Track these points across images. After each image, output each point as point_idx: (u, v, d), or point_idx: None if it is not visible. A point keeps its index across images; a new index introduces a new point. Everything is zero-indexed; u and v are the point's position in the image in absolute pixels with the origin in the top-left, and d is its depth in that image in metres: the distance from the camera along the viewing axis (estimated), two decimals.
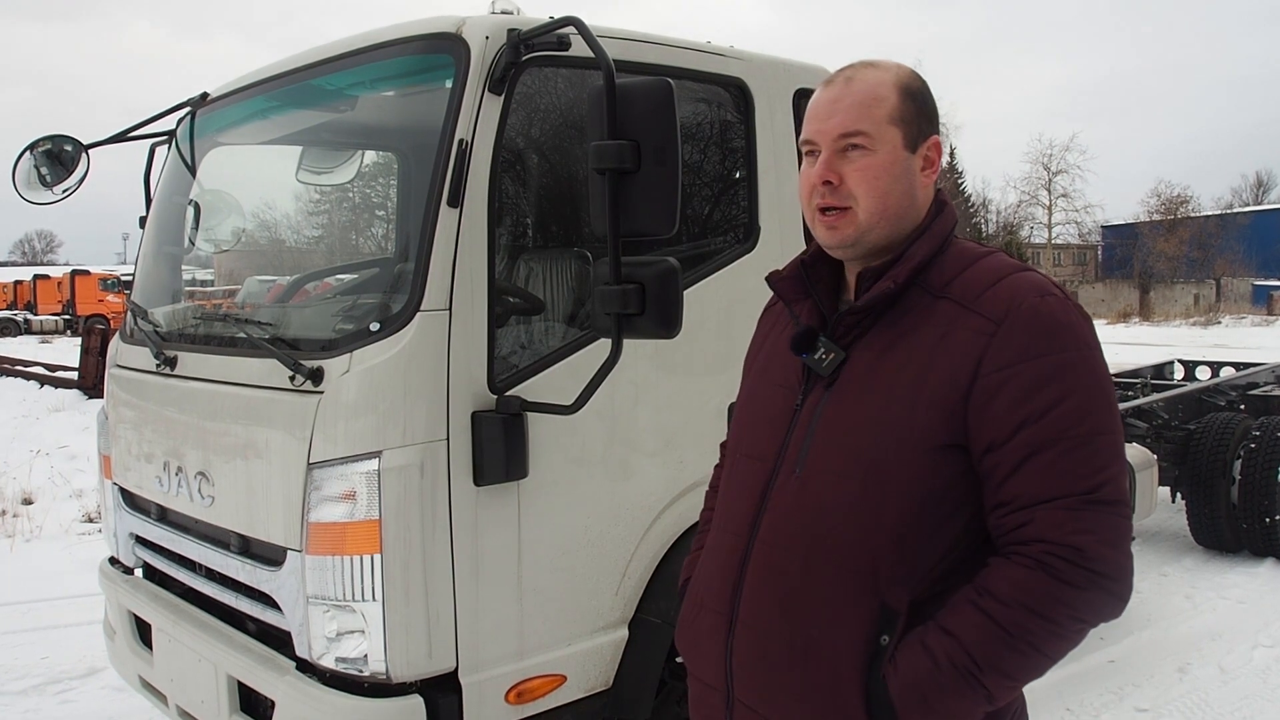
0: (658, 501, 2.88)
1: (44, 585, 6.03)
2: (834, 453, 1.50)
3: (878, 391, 1.47)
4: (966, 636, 1.38)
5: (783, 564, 1.52)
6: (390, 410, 2.38)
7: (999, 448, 1.40)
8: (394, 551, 2.36)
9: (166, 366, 3.05)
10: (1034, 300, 1.43)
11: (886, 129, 1.51)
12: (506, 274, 2.71)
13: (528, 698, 2.61)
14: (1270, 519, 6.03)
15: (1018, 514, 1.39)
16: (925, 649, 1.40)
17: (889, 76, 1.54)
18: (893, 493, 1.44)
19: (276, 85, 3.15)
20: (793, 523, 1.52)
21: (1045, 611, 1.36)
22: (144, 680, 3.25)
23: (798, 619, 1.49)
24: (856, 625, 1.45)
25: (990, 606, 1.38)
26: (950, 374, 1.42)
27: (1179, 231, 50.09)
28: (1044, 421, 1.38)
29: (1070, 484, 1.37)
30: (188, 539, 2.98)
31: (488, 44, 2.51)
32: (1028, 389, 1.39)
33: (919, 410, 1.43)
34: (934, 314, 1.48)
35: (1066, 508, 1.37)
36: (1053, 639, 1.38)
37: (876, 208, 1.52)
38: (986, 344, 1.41)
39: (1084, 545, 1.35)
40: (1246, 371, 7.76)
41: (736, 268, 3.07)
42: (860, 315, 1.52)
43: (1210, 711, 4.10)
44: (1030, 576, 1.36)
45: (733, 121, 3.18)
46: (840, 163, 1.52)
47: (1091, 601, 1.37)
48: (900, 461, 1.44)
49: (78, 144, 3.59)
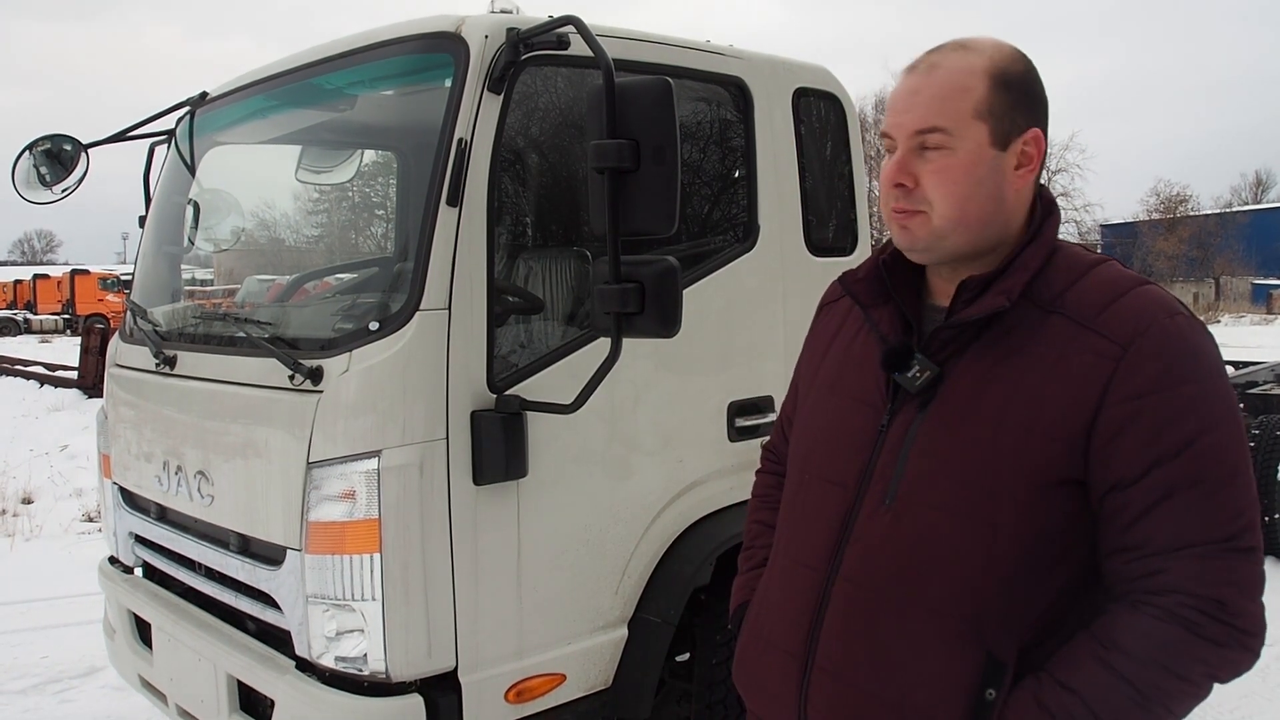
0: (657, 501, 2.88)
1: (44, 584, 6.03)
2: (933, 483, 1.34)
3: (984, 417, 1.32)
4: (1090, 695, 1.24)
5: (872, 607, 1.37)
6: (390, 409, 2.38)
7: (1128, 487, 1.25)
8: (393, 551, 2.36)
9: (166, 366, 3.05)
10: (1165, 321, 1.28)
11: (970, 125, 1.34)
12: (506, 273, 2.71)
13: (527, 697, 2.61)
14: (1270, 518, 6.04)
15: (1148, 560, 1.25)
16: (1042, 708, 1.26)
17: (980, 62, 1.35)
18: (1002, 531, 1.30)
19: (276, 84, 3.15)
20: (884, 560, 1.37)
21: (1182, 670, 1.23)
22: (144, 679, 3.25)
23: (889, 668, 1.35)
24: (959, 677, 1.30)
25: (1118, 662, 1.24)
26: (1071, 402, 1.27)
27: (1178, 230, 50.07)
28: (1181, 460, 1.24)
29: (1209, 530, 1.24)
30: (187, 538, 2.98)
31: (487, 43, 2.51)
32: (1164, 422, 1.24)
33: (1035, 440, 1.28)
34: (1045, 331, 1.32)
35: (1206, 556, 1.23)
36: (1184, 698, 1.25)
37: (954, 214, 1.35)
38: (1113, 370, 1.26)
39: (1226, 599, 1.23)
40: (1246, 370, 7.75)
41: (736, 267, 3.07)
42: (959, 330, 1.36)
43: (1210, 710, 4.10)
44: (1166, 631, 1.23)
45: (732, 121, 3.18)
46: (916, 162, 1.36)
47: (1229, 659, 1.25)
48: (1012, 496, 1.29)
49: (77, 143, 3.59)
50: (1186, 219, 51.52)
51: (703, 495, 2.97)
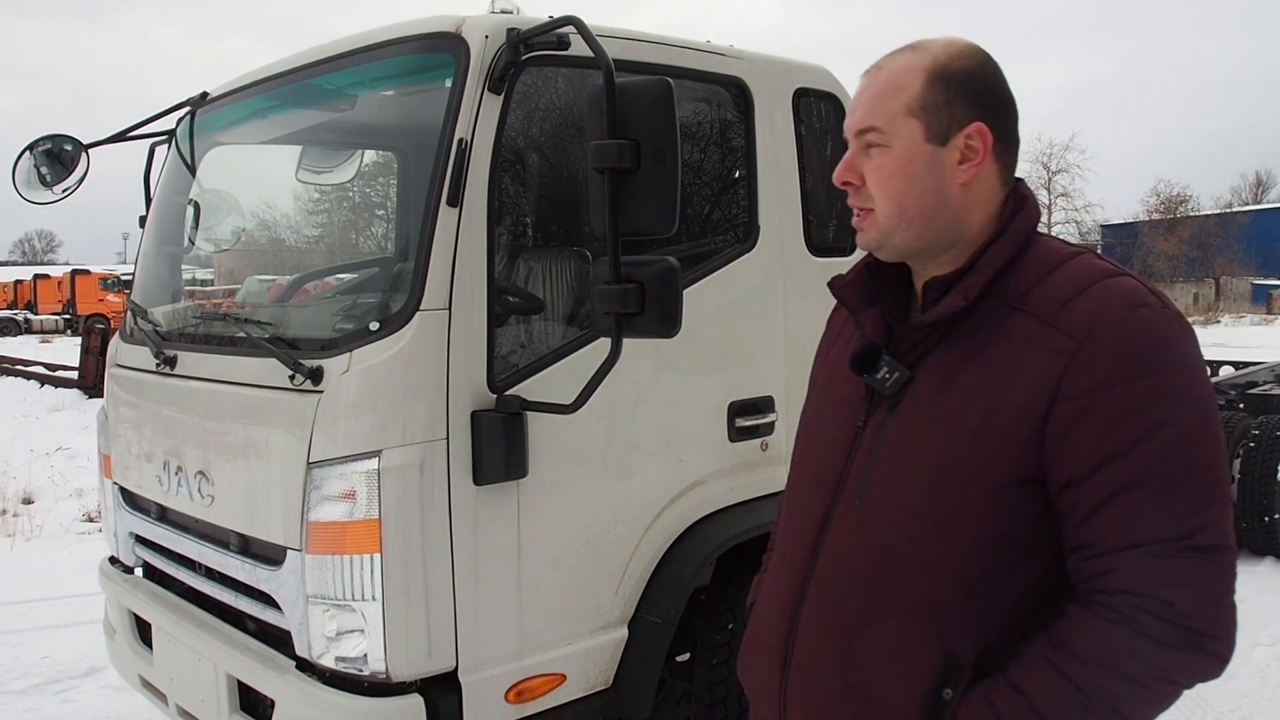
0: (658, 501, 2.88)
1: (44, 584, 6.03)
2: (897, 485, 1.36)
3: (945, 418, 1.32)
4: (1038, 696, 1.24)
5: (840, 606, 1.39)
6: (390, 409, 2.38)
7: (1079, 484, 1.24)
8: (394, 551, 2.36)
9: (166, 366, 3.05)
10: (1123, 313, 1.25)
11: (902, 122, 1.36)
12: (506, 273, 2.71)
13: (527, 697, 2.61)
14: (1269, 518, 6.04)
15: (1099, 560, 1.24)
16: (992, 708, 1.26)
17: (921, 61, 1.37)
18: (962, 533, 1.30)
19: (276, 85, 3.15)
20: (852, 561, 1.39)
21: (1130, 673, 1.21)
22: (144, 679, 3.25)
23: (853, 665, 1.37)
24: (917, 677, 1.32)
25: (1066, 664, 1.23)
26: (1026, 400, 1.26)
27: (1179, 231, 50.07)
28: (1132, 456, 1.21)
29: (1162, 528, 1.20)
30: (187, 538, 2.98)
31: (487, 43, 2.51)
32: (1114, 418, 1.22)
33: (990, 442, 1.28)
34: (1008, 329, 1.31)
35: (1156, 555, 1.20)
36: (1137, 703, 1.23)
37: (893, 209, 1.37)
38: (1066, 365, 1.24)
39: (1176, 599, 1.20)
40: (1246, 370, 7.76)
41: (736, 267, 3.07)
42: (927, 331, 1.36)
43: (1209, 710, 4.10)
44: (1113, 632, 1.21)
45: (732, 121, 3.18)
46: (861, 161, 1.40)
47: (1184, 663, 1.22)
48: (970, 499, 1.29)
49: (77, 143, 3.59)
50: (1187, 219, 51.52)
51: (703, 495, 2.97)
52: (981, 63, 1.39)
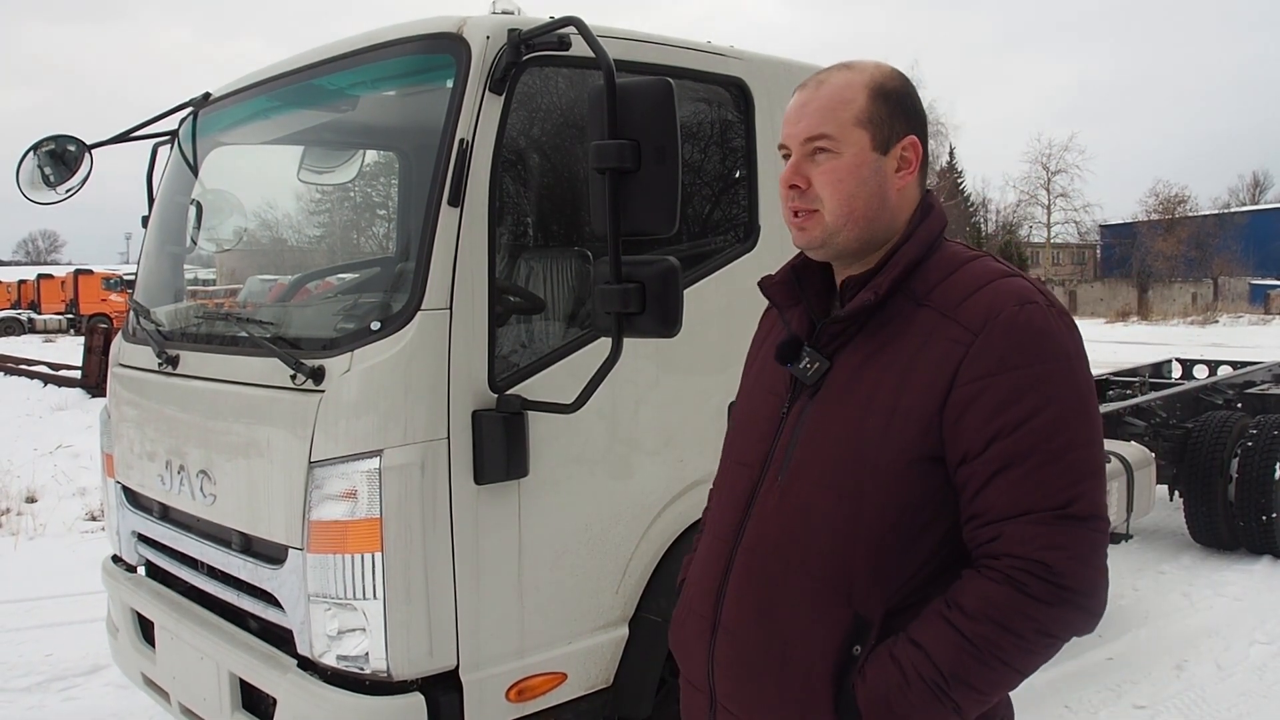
0: (658, 500, 2.89)
1: (47, 583, 6.04)
2: (813, 462, 1.50)
3: (856, 402, 1.47)
4: (934, 650, 1.38)
5: (761, 571, 1.53)
6: (391, 409, 2.39)
7: (972, 460, 1.39)
8: (395, 550, 2.37)
9: (169, 365, 3.06)
10: (1012, 310, 1.41)
11: (852, 131, 1.50)
12: (507, 273, 2.72)
13: (528, 695, 2.63)
14: (1267, 516, 6.05)
15: (988, 528, 1.39)
16: (894, 660, 1.41)
17: (860, 78, 1.52)
18: (869, 504, 1.44)
19: (278, 85, 3.16)
20: (772, 530, 1.53)
21: (1012, 626, 1.35)
22: (147, 677, 3.27)
23: (773, 626, 1.50)
24: (829, 635, 1.46)
25: (958, 620, 1.38)
26: (927, 385, 1.41)
27: (1177, 231, 50.04)
28: (1017, 434, 1.36)
29: (1041, 499, 1.36)
30: (190, 537, 2.99)
31: (488, 44, 2.52)
32: (1002, 401, 1.37)
33: (895, 422, 1.43)
34: (914, 323, 1.46)
35: (1036, 522, 1.35)
36: (1020, 654, 1.37)
37: (842, 210, 1.51)
38: (963, 355, 1.40)
39: (1053, 561, 1.34)
40: (1244, 370, 7.77)
41: (736, 267, 3.08)
42: (843, 324, 1.51)
43: (1207, 708, 4.11)
44: (998, 591, 1.36)
45: (733, 121, 3.19)
46: (808, 166, 1.52)
47: (1060, 617, 1.36)
48: (876, 474, 1.43)
49: (81, 144, 3.60)
50: (1185, 220, 51.48)
51: (703, 495, 2.93)
52: (907, 83, 1.57)
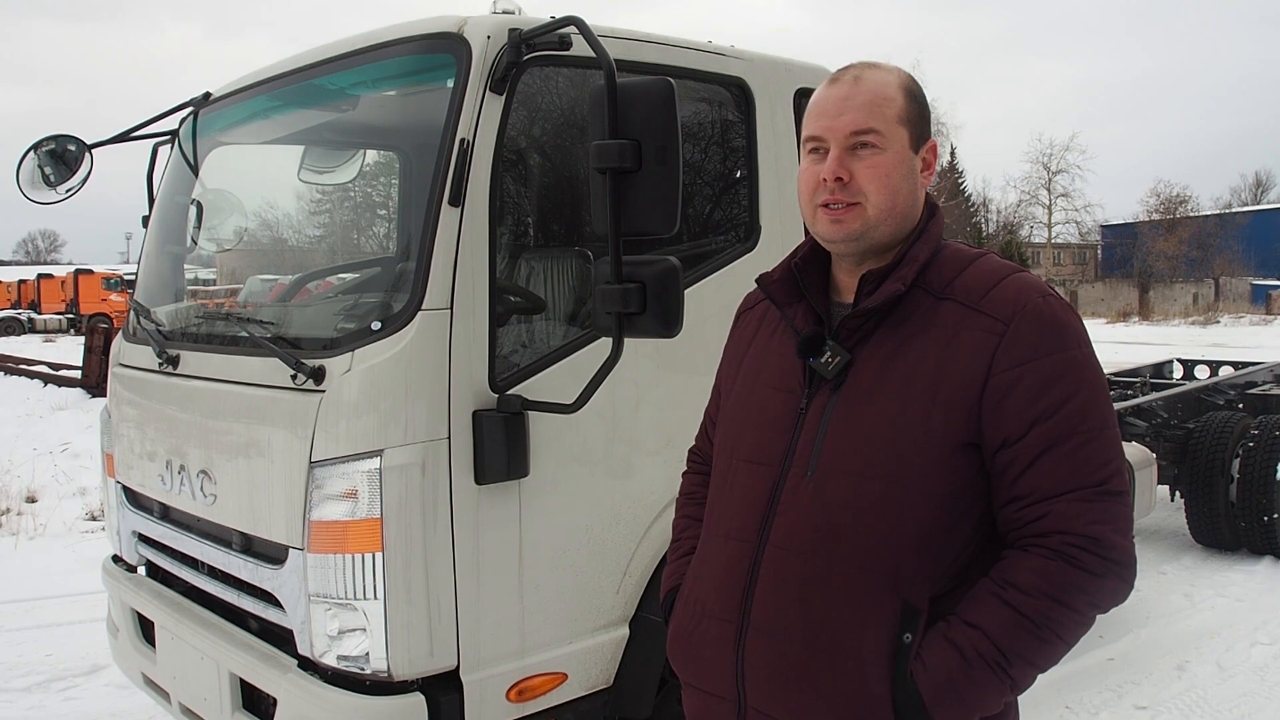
0: (658, 500, 2.89)
1: (48, 583, 6.05)
2: (850, 455, 1.50)
3: (891, 394, 1.48)
4: (993, 629, 1.41)
5: (800, 567, 1.51)
6: (392, 409, 2.39)
7: (1014, 444, 1.44)
8: (395, 550, 2.37)
9: (169, 365, 3.06)
10: (1038, 300, 1.48)
11: (896, 128, 1.54)
12: (508, 273, 2.72)
13: (529, 696, 2.62)
14: (1268, 517, 6.04)
15: (1034, 507, 1.43)
16: (951, 644, 1.43)
17: (894, 78, 1.57)
18: (914, 492, 1.46)
19: (279, 85, 3.16)
20: (809, 526, 1.52)
21: (1068, 600, 1.40)
22: (147, 677, 3.26)
23: (820, 621, 1.49)
24: (880, 625, 1.46)
25: (1014, 598, 1.41)
26: (964, 374, 1.45)
27: (1178, 231, 50.02)
28: (1058, 417, 1.42)
29: (1083, 477, 1.42)
30: (190, 537, 2.99)
31: (489, 43, 2.52)
32: (1040, 386, 1.43)
33: (937, 411, 1.46)
34: (938, 315, 1.50)
35: (1082, 499, 1.41)
36: (1072, 626, 1.42)
37: (886, 204, 1.54)
38: (997, 343, 1.45)
39: (1100, 535, 1.41)
40: (1245, 370, 7.77)
41: (737, 267, 3.07)
42: (864, 319, 1.53)
43: (1208, 709, 4.11)
44: (1052, 566, 1.41)
45: (734, 121, 3.19)
46: (851, 160, 1.53)
47: (1107, 588, 1.43)
48: (920, 461, 1.46)
49: (81, 143, 3.60)
50: (1186, 220, 51.45)
51: None
52: (921, 88, 1.61)
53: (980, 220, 57.36)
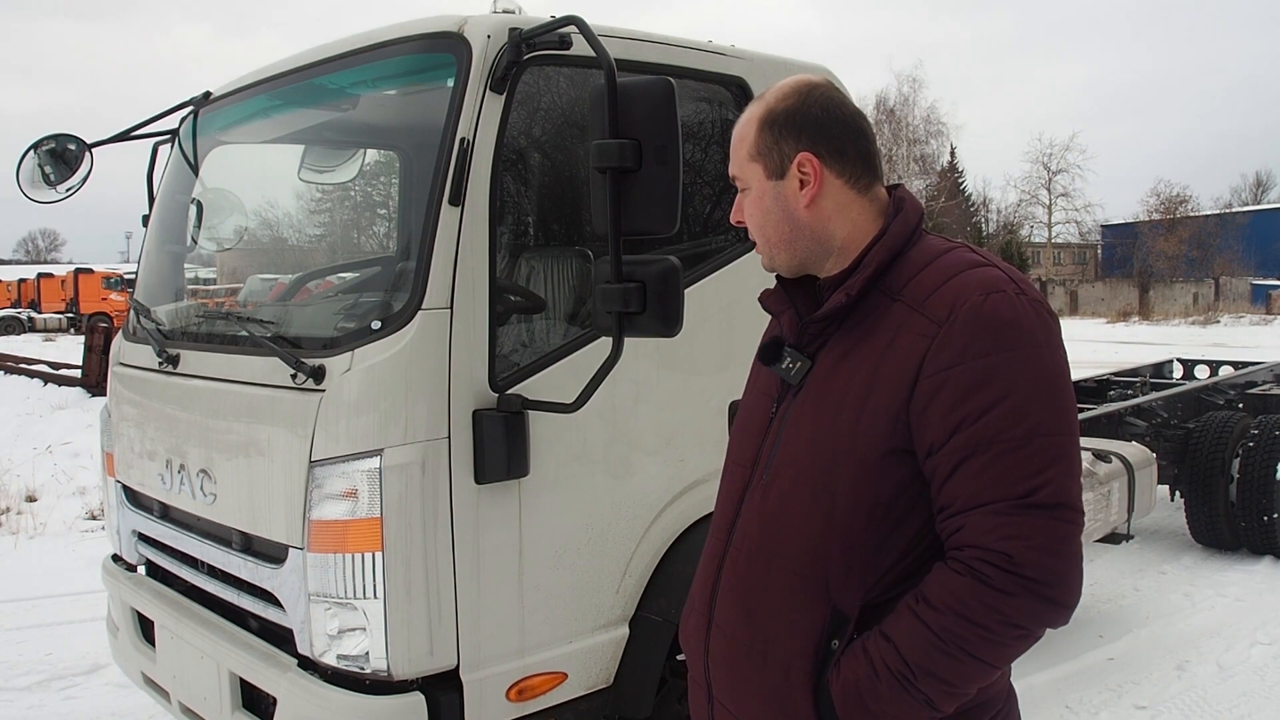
0: (659, 500, 2.89)
1: (47, 582, 6.05)
2: (792, 459, 1.52)
3: (832, 398, 1.48)
4: (901, 642, 1.38)
5: (746, 569, 1.56)
6: (392, 408, 2.39)
7: (937, 451, 1.38)
8: (395, 549, 2.37)
9: (169, 364, 3.06)
10: (976, 299, 1.39)
11: (748, 167, 1.59)
12: (508, 272, 2.72)
13: (529, 695, 2.62)
14: (1268, 517, 6.04)
15: (953, 519, 1.38)
16: (865, 654, 1.42)
17: (757, 111, 1.59)
18: (842, 499, 1.44)
19: (279, 84, 3.16)
20: (755, 528, 1.56)
21: (975, 618, 1.34)
22: (147, 677, 3.26)
23: (757, 622, 1.53)
24: (809, 629, 1.47)
25: (924, 612, 1.37)
26: (895, 378, 1.41)
27: (1178, 231, 50.00)
28: (979, 424, 1.35)
29: (1002, 489, 1.34)
30: (190, 536, 2.99)
31: (489, 43, 2.52)
32: (965, 391, 1.36)
33: (865, 417, 1.43)
34: (888, 317, 1.46)
35: (997, 513, 1.34)
36: (986, 645, 1.36)
37: (760, 238, 1.62)
38: (928, 346, 1.39)
39: (1013, 551, 1.32)
40: (1245, 370, 7.77)
41: (737, 266, 3.07)
42: (821, 324, 1.53)
43: (1209, 709, 4.11)
44: (960, 583, 1.35)
45: (734, 120, 3.15)
46: (742, 201, 1.63)
47: (1024, 608, 1.34)
48: (846, 468, 1.44)
49: (81, 143, 3.60)
50: (1186, 219, 51.43)
51: (704, 494, 2.97)
52: (803, 98, 1.55)
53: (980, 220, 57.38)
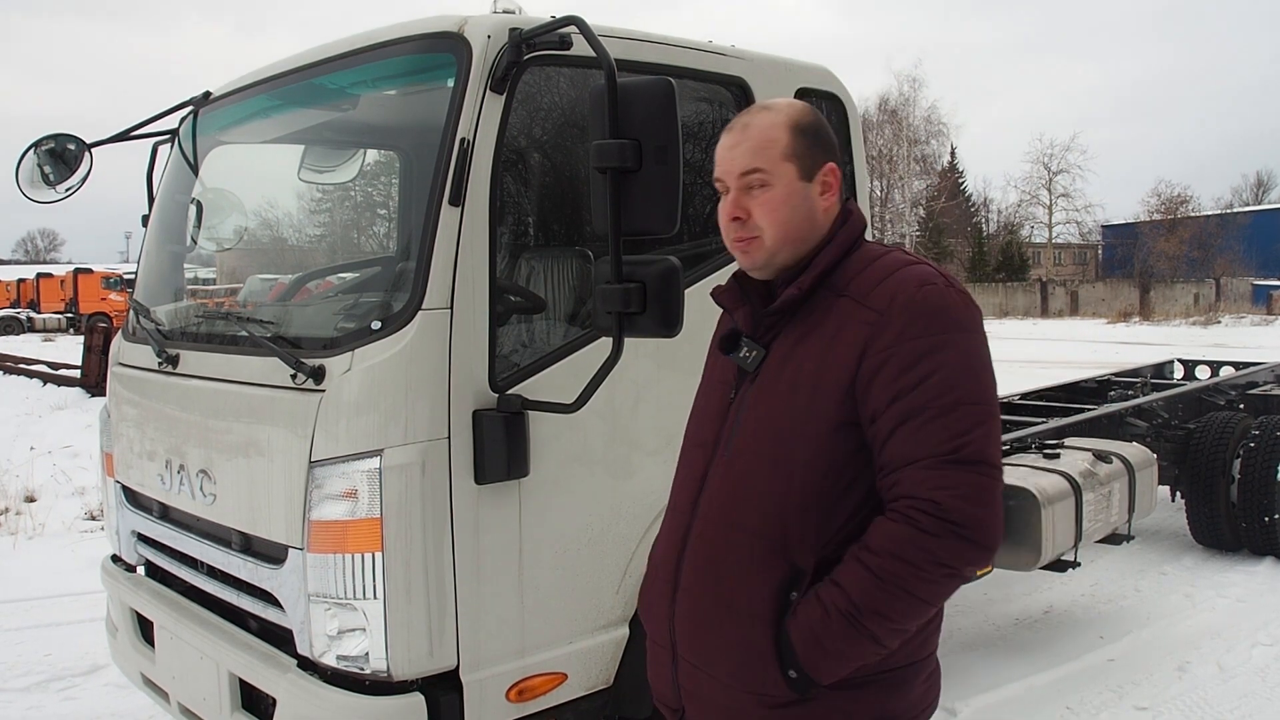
0: (659, 500, 2.87)
1: (47, 583, 6.04)
2: (752, 436, 1.71)
3: (786, 381, 1.69)
4: (848, 585, 1.59)
5: (712, 534, 1.74)
6: (392, 408, 2.39)
7: (878, 419, 1.60)
8: (395, 549, 2.37)
9: (169, 365, 3.05)
10: (912, 290, 1.63)
11: (781, 164, 1.71)
12: (508, 273, 2.71)
13: (529, 696, 2.62)
14: (1269, 518, 6.03)
15: (891, 475, 1.60)
16: (818, 600, 1.62)
17: (780, 118, 1.74)
18: (798, 468, 1.65)
19: (279, 84, 3.16)
20: (720, 498, 1.74)
21: (908, 557, 1.55)
22: (146, 677, 3.26)
23: (723, 581, 1.71)
24: (769, 584, 1.66)
25: (865, 557, 1.59)
26: (843, 360, 1.63)
27: (1179, 231, 50.01)
28: (913, 394, 1.57)
29: (931, 447, 1.56)
30: (190, 537, 2.99)
31: (489, 43, 2.52)
32: (902, 367, 1.58)
33: (819, 395, 1.64)
34: (834, 310, 1.68)
35: (927, 467, 1.56)
36: (920, 583, 1.56)
37: (779, 234, 1.72)
38: (871, 331, 1.62)
39: (941, 499, 1.54)
40: (1246, 371, 7.76)
41: (737, 267, 3.06)
42: (775, 317, 1.73)
43: (1209, 710, 4.10)
44: (896, 529, 1.57)
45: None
46: (746, 199, 1.73)
47: (950, 549, 1.55)
48: (803, 441, 1.65)
49: (81, 142, 3.60)
50: (1187, 220, 51.44)
51: None
52: (819, 118, 1.79)
53: (981, 220, 57.40)
